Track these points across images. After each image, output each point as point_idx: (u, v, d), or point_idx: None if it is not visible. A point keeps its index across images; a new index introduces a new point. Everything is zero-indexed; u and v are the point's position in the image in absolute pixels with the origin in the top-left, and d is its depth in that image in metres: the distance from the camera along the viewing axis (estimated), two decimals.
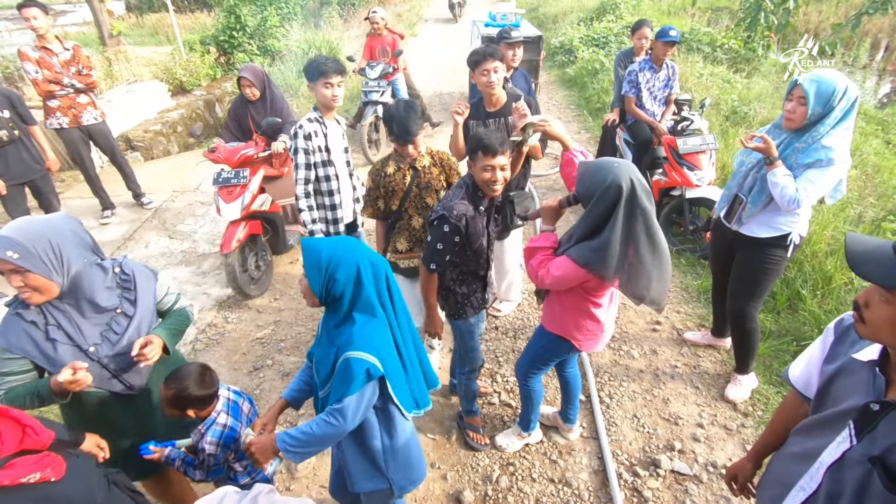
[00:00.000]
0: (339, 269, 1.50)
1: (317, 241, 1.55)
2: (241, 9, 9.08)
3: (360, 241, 1.64)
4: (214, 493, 1.01)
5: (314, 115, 2.84)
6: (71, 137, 4.66)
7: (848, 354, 1.16)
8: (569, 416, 2.68)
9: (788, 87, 2.40)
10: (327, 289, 1.52)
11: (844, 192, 2.48)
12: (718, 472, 2.55)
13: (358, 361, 1.46)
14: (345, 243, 1.57)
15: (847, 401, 1.09)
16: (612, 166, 1.79)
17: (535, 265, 2.00)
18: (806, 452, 1.16)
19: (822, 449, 1.11)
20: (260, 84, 3.88)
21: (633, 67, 4.48)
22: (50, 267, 1.52)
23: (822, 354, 1.28)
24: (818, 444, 1.13)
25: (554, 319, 2.19)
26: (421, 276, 2.26)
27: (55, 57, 4.41)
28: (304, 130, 2.75)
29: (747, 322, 2.78)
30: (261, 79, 3.89)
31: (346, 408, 1.45)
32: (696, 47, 8.92)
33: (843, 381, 1.15)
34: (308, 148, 2.77)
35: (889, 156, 5.54)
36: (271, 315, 3.81)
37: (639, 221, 1.78)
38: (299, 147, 2.76)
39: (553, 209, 2.06)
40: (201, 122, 7.79)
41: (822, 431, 1.14)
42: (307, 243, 1.54)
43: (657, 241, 1.83)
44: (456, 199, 2.12)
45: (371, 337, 1.51)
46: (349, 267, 1.51)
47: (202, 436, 1.75)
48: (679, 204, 4.22)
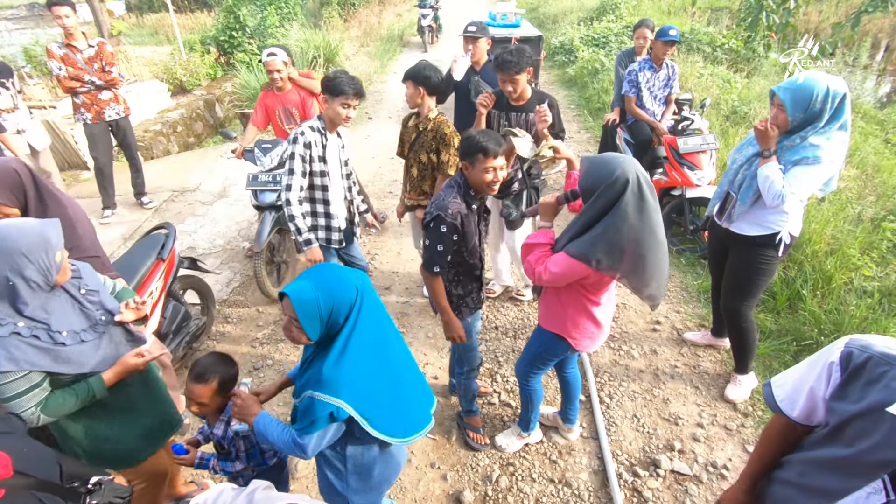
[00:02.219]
0: (339, 313, 1.43)
1: (307, 289, 1.42)
2: (241, 9, 9.10)
3: (338, 268, 1.53)
4: (212, 489, 1.02)
5: (318, 125, 2.79)
6: (92, 132, 4.72)
7: (867, 397, 1.07)
8: (569, 416, 2.68)
9: (770, 94, 2.41)
10: (327, 331, 1.46)
11: (834, 187, 2.48)
12: (718, 472, 2.55)
13: (321, 404, 1.42)
14: (333, 280, 1.46)
15: (877, 452, 1.04)
16: (619, 161, 1.80)
17: (533, 262, 2.00)
18: (826, 491, 1.12)
19: (845, 494, 1.07)
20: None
21: (633, 67, 4.49)
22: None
23: (825, 388, 1.17)
24: (841, 488, 1.08)
25: (551, 318, 2.19)
26: (426, 281, 2.27)
27: (79, 54, 4.45)
28: (305, 138, 2.73)
29: (742, 321, 2.78)
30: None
31: (307, 445, 1.48)
32: (696, 47, 8.93)
33: (869, 426, 1.07)
34: (305, 156, 2.75)
35: (888, 155, 5.55)
36: (271, 315, 3.81)
37: (644, 215, 1.77)
38: (297, 153, 2.73)
39: (551, 206, 2.06)
40: (201, 121, 7.79)
41: (846, 475, 1.09)
42: (297, 294, 1.41)
43: (659, 237, 1.83)
44: (449, 198, 2.13)
45: (340, 378, 1.43)
46: (346, 307, 1.44)
47: (228, 423, 1.80)
48: (679, 203, 4.22)
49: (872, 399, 1.05)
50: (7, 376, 1.51)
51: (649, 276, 1.86)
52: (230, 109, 8.30)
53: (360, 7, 14.49)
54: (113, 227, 4.95)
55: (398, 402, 1.61)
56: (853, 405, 1.09)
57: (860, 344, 1.11)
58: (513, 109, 3.09)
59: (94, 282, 1.80)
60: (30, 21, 15.07)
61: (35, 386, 1.57)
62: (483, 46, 3.82)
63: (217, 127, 7.96)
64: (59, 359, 1.60)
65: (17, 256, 1.48)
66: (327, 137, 2.83)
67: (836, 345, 1.17)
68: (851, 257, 3.61)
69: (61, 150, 6.05)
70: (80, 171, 6.23)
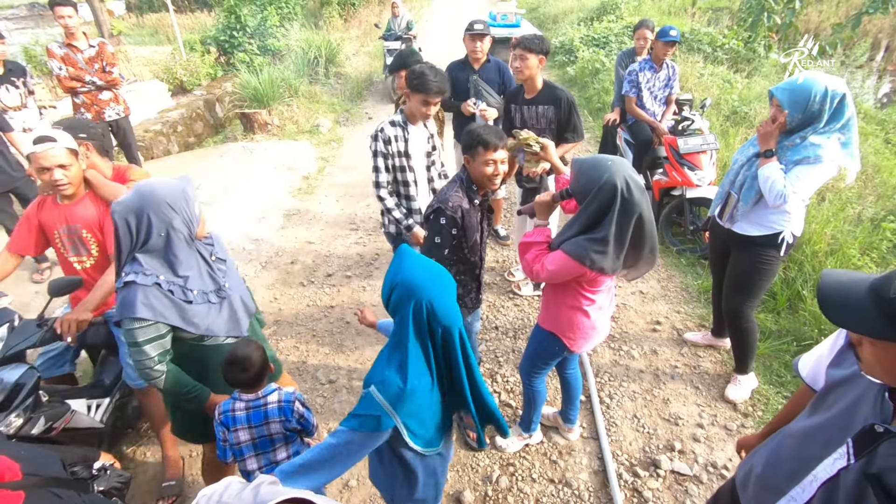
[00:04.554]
0: (402, 295, 1.39)
1: (408, 257, 1.43)
2: (241, 9, 9.10)
3: (450, 281, 1.46)
4: (220, 482, 1.01)
5: (399, 119, 2.78)
6: None
7: (856, 365, 1.13)
8: (569, 416, 2.68)
9: (769, 94, 2.42)
10: (390, 300, 1.43)
11: (852, 180, 2.49)
12: (718, 472, 2.55)
13: (374, 405, 1.37)
14: (430, 274, 1.41)
15: (848, 413, 1.09)
16: (607, 164, 1.80)
17: (530, 260, 2.01)
18: (803, 461, 1.16)
19: (817, 460, 1.10)
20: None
21: (634, 67, 4.49)
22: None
23: (829, 355, 1.27)
24: (814, 454, 1.12)
25: (549, 317, 2.20)
26: None
27: (80, 54, 4.45)
28: (384, 135, 2.74)
29: (743, 322, 2.78)
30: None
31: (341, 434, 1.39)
32: (697, 47, 8.93)
33: (847, 391, 1.13)
34: (387, 152, 2.77)
35: (889, 155, 5.55)
36: (271, 315, 3.81)
37: (633, 218, 1.80)
38: (378, 151, 2.77)
39: (547, 203, 2.07)
40: (201, 121, 7.79)
41: (820, 440, 1.13)
42: (402, 250, 1.46)
43: (649, 235, 1.86)
44: (451, 192, 2.15)
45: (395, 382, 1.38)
46: (409, 300, 1.38)
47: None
48: (679, 204, 4.22)
49: (857, 365, 1.10)
50: (142, 322, 1.66)
51: (638, 272, 2.01)
52: (230, 109, 8.30)
53: (360, 7, 14.49)
54: None
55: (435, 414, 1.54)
56: (842, 371, 1.16)
57: None
58: (527, 102, 3.24)
59: (223, 252, 1.98)
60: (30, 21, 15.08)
61: (160, 336, 1.72)
62: (487, 45, 3.83)
63: (217, 127, 7.95)
64: (186, 316, 1.75)
65: (164, 207, 1.66)
66: (409, 132, 2.80)
67: None
68: (852, 257, 3.61)
69: None
70: None
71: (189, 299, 1.76)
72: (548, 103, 3.19)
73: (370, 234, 4.91)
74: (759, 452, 1.38)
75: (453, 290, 1.45)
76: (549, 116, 3.20)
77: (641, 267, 1.97)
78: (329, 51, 9.67)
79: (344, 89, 9.33)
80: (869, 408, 1.05)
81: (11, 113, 4.34)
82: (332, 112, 8.26)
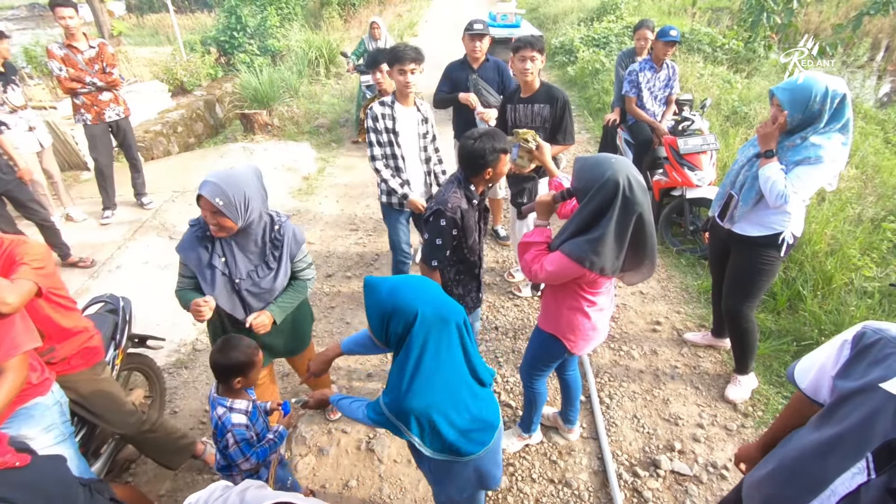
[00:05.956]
0: (396, 319, 1.41)
1: (378, 287, 1.44)
2: (242, 9, 9.11)
3: (429, 282, 1.51)
4: (207, 487, 1.02)
5: (388, 100, 3.01)
6: (92, 133, 4.71)
7: (868, 376, 1.09)
8: (569, 416, 2.68)
9: (769, 94, 2.41)
10: (387, 334, 1.44)
11: (834, 186, 2.49)
12: (718, 472, 2.55)
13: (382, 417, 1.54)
14: (410, 287, 1.44)
15: (864, 427, 1.06)
16: (610, 162, 1.80)
17: (529, 260, 2.01)
18: (818, 478, 1.13)
19: (835, 474, 1.08)
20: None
21: (634, 67, 4.49)
22: (238, 213, 1.91)
23: (833, 366, 1.22)
24: (829, 468, 1.10)
25: (549, 319, 2.19)
26: (424, 276, 2.27)
27: (80, 55, 4.45)
28: (372, 112, 3.00)
29: (743, 322, 2.78)
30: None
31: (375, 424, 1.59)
32: (697, 47, 8.93)
33: (861, 403, 1.09)
34: (376, 128, 2.99)
35: (889, 155, 5.54)
36: None
37: (633, 217, 1.79)
38: (368, 127, 3.03)
39: (547, 204, 2.07)
40: (202, 122, 7.80)
41: (835, 454, 1.11)
42: (368, 284, 1.45)
43: (648, 236, 1.86)
44: (449, 193, 2.15)
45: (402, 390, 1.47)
46: (407, 316, 1.40)
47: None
48: (679, 204, 4.22)
49: (872, 376, 1.08)
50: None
51: (637, 277, 1.99)
52: (230, 110, 8.31)
53: (360, 7, 14.50)
54: (113, 228, 4.96)
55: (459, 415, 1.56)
56: (853, 383, 1.13)
57: (875, 327, 1.15)
58: (522, 101, 3.23)
59: (292, 240, 2.24)
60: (30, 21, 15.11)
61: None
62: (486, 45, 3.83)
63: (217, 127, 7.96)
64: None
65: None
66: (395, 109, 3.00)
67: (853, 327, 1.22)
68: (852, 258, 3.61)
69: (62, 150, 6.06)
70: (81, 171, 6.24)
71: None
72: (544, 102, 3.19)
73: (370, 234, 4.91)
74: (765, 466, 1.34)
75: (437, 287, 1.52)
76: (545, 115, 3.20)
77: (640, 271, 1.96)
78: (329, 51, 9.67)
79: (344, 89, 9.34)
80: (888, 422, 1.02)
81: (21, 112, 4.36)
82: (332, 112, 8.27)
